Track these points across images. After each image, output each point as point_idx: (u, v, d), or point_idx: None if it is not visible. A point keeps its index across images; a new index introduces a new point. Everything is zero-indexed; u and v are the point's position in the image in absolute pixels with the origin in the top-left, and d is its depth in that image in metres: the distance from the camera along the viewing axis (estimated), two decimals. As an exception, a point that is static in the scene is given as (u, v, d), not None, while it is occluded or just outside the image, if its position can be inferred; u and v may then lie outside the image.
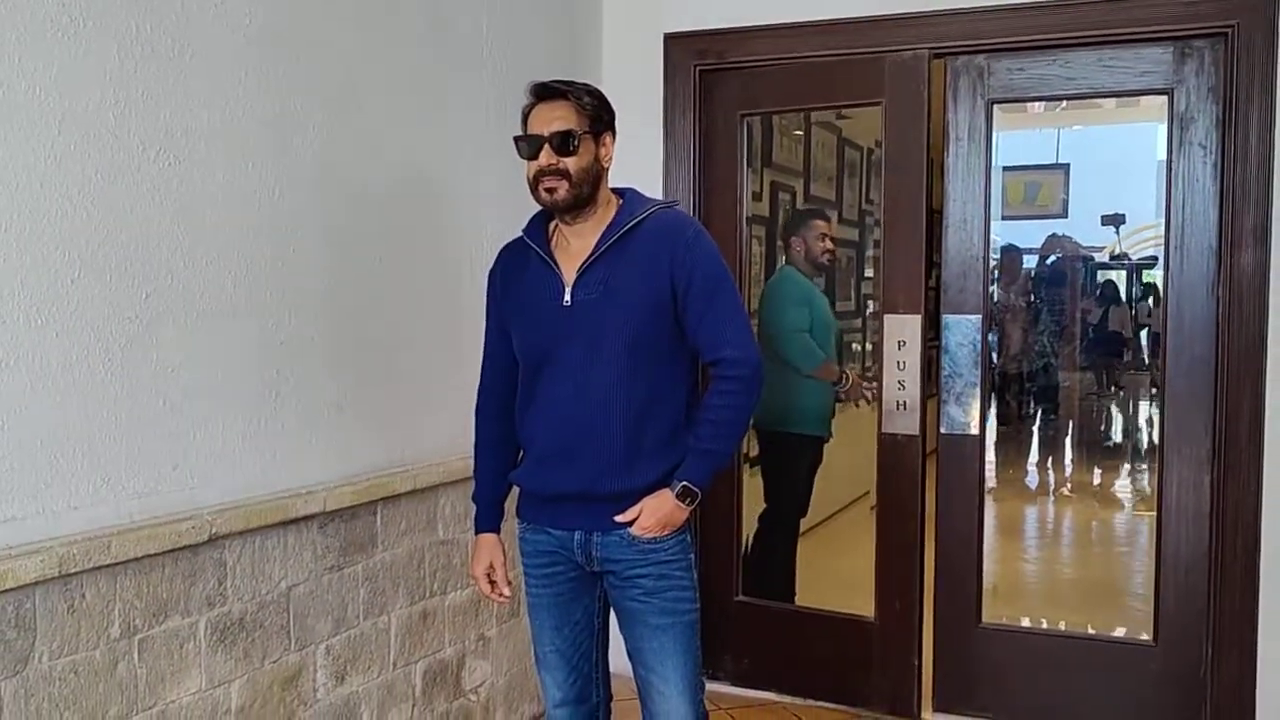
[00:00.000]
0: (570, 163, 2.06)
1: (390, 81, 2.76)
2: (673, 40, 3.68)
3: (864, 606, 3.58)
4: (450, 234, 3.01)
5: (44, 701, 1.90)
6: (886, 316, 3.50)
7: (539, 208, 2.18)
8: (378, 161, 2.73)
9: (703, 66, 3.67)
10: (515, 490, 2.30)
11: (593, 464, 2.09)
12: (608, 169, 2.15)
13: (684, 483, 2.08)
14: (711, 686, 3.56)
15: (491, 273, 2.29)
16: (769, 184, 4.02)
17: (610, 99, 2.19)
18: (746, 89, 3.68)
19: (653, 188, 3.49)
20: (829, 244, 3.94)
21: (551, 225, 2.19)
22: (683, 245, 2.09)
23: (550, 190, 2.07)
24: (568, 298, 2.09)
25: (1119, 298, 5.44)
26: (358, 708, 2.68)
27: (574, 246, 2.14)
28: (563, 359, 2.10)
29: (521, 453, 2.25)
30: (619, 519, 2.10)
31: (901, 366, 3.48)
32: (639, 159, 3.45)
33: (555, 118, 2.08)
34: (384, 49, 2.74)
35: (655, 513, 2.08)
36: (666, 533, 2.11)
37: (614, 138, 2.17)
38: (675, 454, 2.11)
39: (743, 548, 3.81)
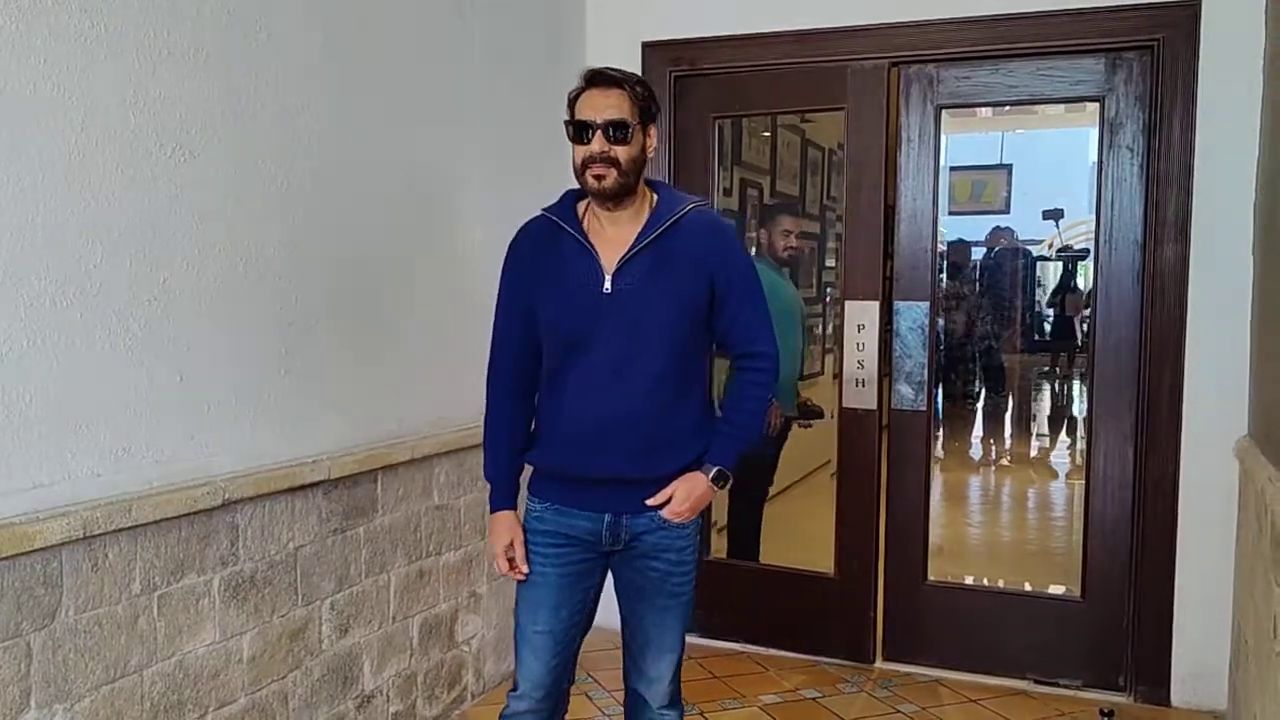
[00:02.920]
0: (621, 152, 1.93)
1: (386, 82, 2.74)
2: (650, 48, 3.65)
3: (824, 563, 3.61)
4: (441, 225, 2.99)
5: (70, 652, 1.90)
6: (848, 303, 3.51)
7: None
8: (376, 157, 2.71)
9: (677, 72, 3.65)
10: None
11: (628, 449, 1.96)
12: (650, 159, 2.03)
13: (718, 466, 2.00)
14: (683, 638, 3.58)
15: (515, 250, 2.08)
16: (738, 181, 4.01)
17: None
18: (718, 93, 3.67)
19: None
20: (792, 240, 3.88)
21: (582, 208, 2.04)
22: (725, 246, 2.03)
23: (599, 177, 1.92)
24: (608, 285, 1.95)
25: (1056, 286, 5.47)
26: (359, 657, 2.68)
27: (610, 233, 1.99)
28: (600, 345, 1.95)
29: (535, 431, 2.09)
30: (650, 503, 1.99)
31: (861, 348, 3.49)
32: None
33: (609, 105, 1.93)
34: (380, 53, 2.72)
35: (689, 496, 1.99)
36: (695, 516, 2.03)
37: (657, 129, 2.04)
38: (701, 441, 2.02)
39: (710, 514, 3.82)
